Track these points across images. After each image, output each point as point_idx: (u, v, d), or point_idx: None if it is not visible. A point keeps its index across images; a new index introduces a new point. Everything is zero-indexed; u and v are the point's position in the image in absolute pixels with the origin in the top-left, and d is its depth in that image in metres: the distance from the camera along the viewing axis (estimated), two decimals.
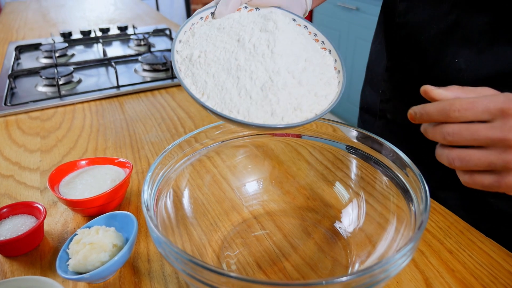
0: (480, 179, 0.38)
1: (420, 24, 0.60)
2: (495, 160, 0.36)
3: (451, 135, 0.37)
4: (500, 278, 0.44)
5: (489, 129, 0.35)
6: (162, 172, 0.46)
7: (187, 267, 0.32)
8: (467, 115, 0.36)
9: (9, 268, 0.47)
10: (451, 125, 0.37)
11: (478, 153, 0.37)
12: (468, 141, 0.36)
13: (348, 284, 0.30)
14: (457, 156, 0.37)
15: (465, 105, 0.36)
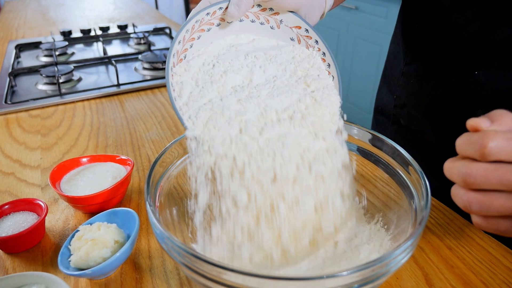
0: (496, 224, 0.33)
1: (440, 30, 0.56)
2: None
3: (474, 177, 0.32)
4: (499, 274, 0.44)
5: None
6: (164, 169, 0.47)
7: (189, 261, 0.33)
8: (501, 155, 0.31)
9: (10, 264, 0.47)
10: (474, 165, 0.32)
11: (501, 199, 0.32)
12: (494, 185, 0.31)
13: (349, 278, 0.31)
14: (476, 200, 0.33)
15: (501, 142, 0.30)
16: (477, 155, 0.31)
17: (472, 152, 0.32)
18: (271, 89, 0.44)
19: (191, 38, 0.46)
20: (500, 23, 0.49)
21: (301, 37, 0.47)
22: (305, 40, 0.48)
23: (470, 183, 0.32)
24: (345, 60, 2.52)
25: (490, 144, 0.30)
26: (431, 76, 0.60)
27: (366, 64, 2.34)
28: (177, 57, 0.44)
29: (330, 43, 2.62)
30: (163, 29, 1.48)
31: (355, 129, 0.50)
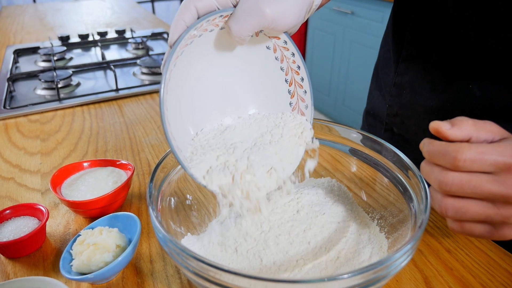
0: (471, 229, 0.36)
1: (433, 42, 0.56)
2: (493, 214, 0.34)
3: (449, 185, 0.34)
4: (498, 276, 0.45)
5: (492, 182, 0.33)
6: (165, 174, 0.47)
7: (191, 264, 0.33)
8: (473, 167, 0.33)
9: (12, 269, 0.48)
10: (450, 174, 0.34)
11: (475, 206, 0.34)
12: (468, 194, 0.34)
13: (350, 281, 0.31)
14: (452, 207, 0.35)
15: (473, 155, 0.33)
16: (450, 166, 0.34)
17: (445, 162, 0.34)
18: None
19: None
20: (497, 36, 0.49)
21: (278, 47, 0.47)
22: (281, 51, 0.47)
23: (446, 190, 0.35)
24: (341, 64, 2.54)
25: (463, 157, 0.33)
26: (424, 88, 0.59)
27: (362, 68, 2.36)
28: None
29: (326, 47, 2.64)
30: (161, 34, 1.49)
31: (354, 133, 0.51)
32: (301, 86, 0.47)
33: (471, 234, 0.36)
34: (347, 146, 0.52)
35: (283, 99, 0.49)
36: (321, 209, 0.45)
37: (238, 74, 0.48)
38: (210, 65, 0.46)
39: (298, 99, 0.48)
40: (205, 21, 0.40)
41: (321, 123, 0.53)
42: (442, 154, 0.34)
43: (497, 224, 0.35)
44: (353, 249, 0.43)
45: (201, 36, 0.42)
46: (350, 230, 0.45)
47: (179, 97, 0.44)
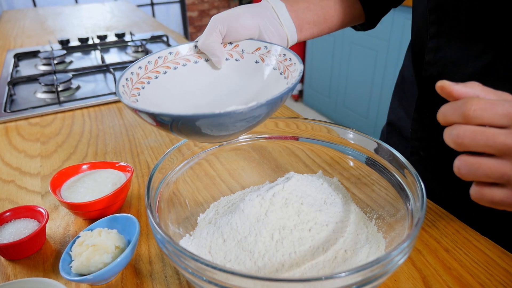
0: (490, 193, 0.34)
1: (452, 63, 0.54)
2: (509, 171, 0.32)
3: (462, 137, 0.33)
4: (496, 275, 0.45)
5: (506, 135, 0.32)
6: (163, 175, 0.47)
7: (190, 265, 0.33)
8: (484, 116, 0.32)
9: (12, 271, 0.48)
10: (463, 126, 0.33)
11: (489, 162, 0.32)
12: (481, 146, 0.32)
13: (347, 280, 0.31)
14: (464, 163, 0.33)
15: (484, 105, 0.32)
16: (461, 119, 0.33)
17: (456, 117, 0.33)
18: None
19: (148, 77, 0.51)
20: (511, 51, 0.48)
21: (262, 55, 0.51)
22: (266, 56, 0.51)
23: (459, 144, 0.33)
24: (341, 65, 2.54)
25: (474, 107, 0.32)
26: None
27: (362, 69, 2.36)
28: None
29: (326, 49, 2.64)
30: (160, 37, 1.49)
31: (351, 133, 0.51)
32: (291, 65, 0.48)
33: (492, 200, 0.34)
34: (344, 147, 0.52)
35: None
36: (319, 209, 0.45)
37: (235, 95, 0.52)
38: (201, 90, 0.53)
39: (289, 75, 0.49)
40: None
41: (319, 124, 0.54)
42: (453, 109, 0.33)
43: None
44: (351, 249, 0.43)
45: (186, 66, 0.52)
46: (348, 230, 0.45)
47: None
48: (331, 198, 0.48)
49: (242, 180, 0.57)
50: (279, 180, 0.49)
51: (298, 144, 0.56)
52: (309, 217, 0.44)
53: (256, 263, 0.40)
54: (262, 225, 0.42)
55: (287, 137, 0.56)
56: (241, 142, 0.56)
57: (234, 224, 0.43)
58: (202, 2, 3.74)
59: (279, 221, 0.43)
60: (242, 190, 0.56)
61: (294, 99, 3.31)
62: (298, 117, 0.56)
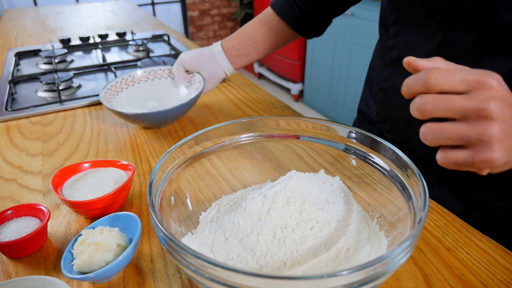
0: (454, 155, 0.37)
1: (409, 45, 0.60)
2: (469, 132, 0.35)
3: (424, 104, 0.36)
4: (498, 274, 0.45)
5: (464, 99, 0.35)
6: (165, 174, 0.47)
7: (192, 263, 0.33)
8: (444, 83, 0.35)
9: (13, 269, 0.48)
10: (425, 95, 0.36)
11: (450, 125, 0.36)
12: (442, 111, 0.35)
13: (349, 278, 0.31)
14: (428, 128, 0.37)
15: (443, 73, 0.35)
16: (423, 88, 0.36)
17: (419, 86, 0.36)
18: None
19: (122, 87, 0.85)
20: (459, 31, 0.52)
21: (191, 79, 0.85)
22: (192, 79, 0.85)
23: (422, 111, 0.36)
24: (341, 65, 2.54)
25: (434, 75, 0.35)
26: None
27: (362, 69, 2.36)
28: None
29: (326, 48, 2.64)
30: (161, 36, 1.49)
31: (353, 132, 0.51)
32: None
33: (456, 162, 0.37)
34: (346, 145, 0.52)
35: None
36: (321, 207, 0.45)
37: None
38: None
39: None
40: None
41: (320, 123, 0.54)
42: (416, 80, 0.37)
43: (475, 146, 0.35)
44: (353, 247, 0.43)
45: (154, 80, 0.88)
46: (350, 228, 0.45)
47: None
48: (333, 196, 0.48)
49: (243, 178, 0.57)
50: (281, 178, 0.49)
51: (299, 143, 0.56)
52: (311, 215, 0.44)
53: (258, 261, 0.40)
54: (264, 223, 0.42)
55: (289, 135, 0.56)
56: (243, 141, 0.56)
57: (236, 223, 0.43)
58: (202, 1, 3.74)
59: (281, 220, 0.43)
60: (244, 188, 0.56)
61: (295, 99, 3.31)
62: (299, 116, 0.56)
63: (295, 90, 3.24)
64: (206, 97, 0.97)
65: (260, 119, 0.55)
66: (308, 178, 0.49)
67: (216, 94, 0.99)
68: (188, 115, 0.88)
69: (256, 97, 0.97)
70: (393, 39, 0.63)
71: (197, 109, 0.90)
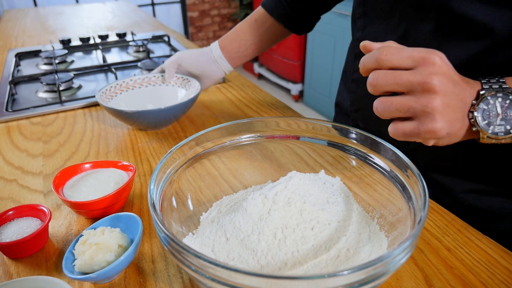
0: (402, 126, 0.41)
1: (376, 37, 0.63)
2: (414, 104, 0.39)
3: (376, 78, 0.40)
4: (498, 274, 0.45)
5: (410, 74, 0.39)
6: (166, 175, 0.47)
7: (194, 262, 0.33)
8: (393, 59, 0.40)
9: (15, 269, 0.48)
10: (376, 71, 0.41)
11: (398, 98, 0.40)
12: (391, 85, 0.40)
13: (350, 278, 0.31)
14: (379, 101, 0.41)
15: (392, 50, 0.40)
16: (376, 64, 0.41)
17: (372, 63, 0.41)
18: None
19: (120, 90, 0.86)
20: (418, 22, 0.56)
21: (186, 84, 0.87)
22: (187, 84, 0.87)
23: (373, 85, 0.41)
24: (341, 65, 2.54)
25: (385, 52, 0.40)
26: None
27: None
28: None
29: (326, 49, 2.64)
30: (161, 36, 1.49)
31: (353, 133, 0.51)
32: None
33: (404, 132, 0.41)
34: (346, 146, 0.52)
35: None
36: (321, 208, 0.45)
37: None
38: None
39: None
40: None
41: (321, 124, 0.54)
42: (369, 57, 0.41)
43: (420, 117, 0.40)
44: (353, 247, 0.43)
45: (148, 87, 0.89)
46: (350, 229, 0.45)
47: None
48: (334, 197, 0.49)
49: (244, 179, 0.57)
50: (281, 179, 0.50)
51: (299, 143, 0.57)
52: (312, 216, 0.44)
53: (259, 262, 0.40)
54: (265, 223, 0.43)
55: (289, 136, 0.56)
56: (243, 142, 0.57)
57: (237, 223, 0.43)
58: (202, 2, 3.74)
59: (282, 220, 0.43)
60: (245, 189, 0.56)
61: (295, 100, 3.31)
62: (299, 117, 0.56)
63: (295, 90, 3.24)
64: (207, 98, 0.97)
65: (260, 120, 0.56)
66: (309, 179, 0.49)
67: (216, 94, 0.99)
68: (188, 115, 0.88)
69: (256, 97, 0.97)
70: (361, 32, 0.67)
71: (197, 109, 0.91)
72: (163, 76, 0.89)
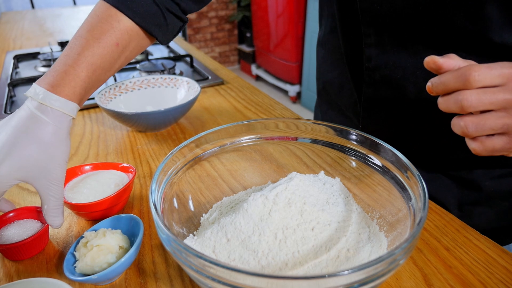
0: (492, 143, 0.39)
1: (394, 64, 0.60)
2: (509, 121, 0.37)
3: (469, 100, 0.37)
4: (496, 273, 0.46)
5: (504, 91, 0.37)
6: (166, 176, 0.48)
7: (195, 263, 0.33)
8: (486, 79, 0.37)
9: (15, 271, 0.48)
10: (467, 91, 0.37)
11: (492, 117, 0.38)
12: (486, 105, 0.37)
13: (350, 277, 0.32)
14: (471, 122, 0.38)
15: (483, 70, 0.37)
16: (463, 85, 0.38)
17: (459, 84, 0.38)
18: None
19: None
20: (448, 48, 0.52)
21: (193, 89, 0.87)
22: (177, 83, 0.90)
23: (466, 107, 0.37)
24: None
25: (475, 73, 0.37)
26: (394, 105, 0.63)
27: None
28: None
29: None
30: None
31: (353, 134, 0.51)
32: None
33: (493, 149, 0.39)
34: (346, 147, 0.53)
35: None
36: (322, 209, 0.46)
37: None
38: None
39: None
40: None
41: (319, 125, 0.54)
42: (455, 77, 0.38)
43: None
44: (353, 248, 0.43)
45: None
46: (350, 229, 0.45)
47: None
48: (333, 198, 0.49)
49: (244, 180, 0.58)
50: (281, 180, 0.50)
51: (299, 145, 0.57)
52: (312, 216, 0.44)
53: (260, 262, 0.41)
54: (266, 224, 0.43)
55: (288, 137, 0.57)
56: (242, 143, 0.57)
57: (237, 224, 0.44)
58: None
59: (283, 221, 0.43)
60: (245, 190, 0.57)
61: (292, 101, 3.31)
62: (298, 118, 0.57)
63: (293, 92, 3.25)
64: (205, 99, 0.97)
65: (259, 122, 0.56)
66: (309, 180, 0.49)
67: (215, 96, 0.99)
68: (188, 117, 0.88)
69: (255, 99, 0.97)
70: (374, 61, 0.62)
71: (197, 111, 0.91)
72: (163, 78, 0.89)
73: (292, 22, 2.96)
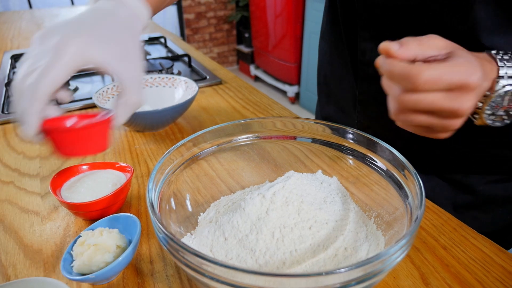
0: (417, 120, 0.41)
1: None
2: (436, 123, 0.40)
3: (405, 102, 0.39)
4: (493, 272, 0.46)
5: (444, 99, 0.38)
6: (163, 175, 0.48)
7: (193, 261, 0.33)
8: (432, 87, 0.37)
9: (12, 271, 0.48)
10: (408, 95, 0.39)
11: (423, 118, 0.40)
12: (421, 109, 0.39)
13: (347, 275, 0.32)
14: (403, 118, 0.41)
15: (433, 78, 0.37)
16: (409, 89, 0.38)
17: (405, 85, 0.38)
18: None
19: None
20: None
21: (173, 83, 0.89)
22: (175, 83, 0.89)
23: (402, 107, 0.40)
24: None
25: (423, 80, 0.37)
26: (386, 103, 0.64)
27: None
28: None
29: None
30: (157, 38, 1.49)
31: (350, 132, 0.52)
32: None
33: (411, 123, 0.41)
34: (343, 146, 0.53)
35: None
36: (319, 207, 0.46)
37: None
38: None
39: None
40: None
41: (317, 124, 0.54)
42: (403, 78, 0.38)
43: (435, 129, 0.41)
44: (351, 246, 0.43)
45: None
46: (348, 228, 0.45)
47: None
48: (331, 197, 0.49)
49: (241, 180, 0.58)
50: (279, 179, 0.50)
51: (296, 144, 0.57)
52: (309, 215, 0.44)
53: (258, 261, 0.41)
54: (263, 223, 0.43)
55: (286, 136, 0.57)
56: (240, 143, 0.57)
57: (235, 223, 0.44)
58: (198, 4, 3.75)
59: (280, 220, 0.43)
60: (242, 189, 0.57)
61: (291, 102, 3.32)
62: (295, 117, 0.57)
63: (291, 92, 3.25)
64: (203, 99, 0.97)
65: (257, 121, 0.56)
66: (306, 179, 0.49)
67: (213, 96, 0.99)
68: (185, 117, 0.88)
69: (253, 99, 0.97)
70: (368, 55, 0.63)
71: (194, 111, 0.91)
72: (161, 77, 0.88)
73: (290, 23, 2.96)
